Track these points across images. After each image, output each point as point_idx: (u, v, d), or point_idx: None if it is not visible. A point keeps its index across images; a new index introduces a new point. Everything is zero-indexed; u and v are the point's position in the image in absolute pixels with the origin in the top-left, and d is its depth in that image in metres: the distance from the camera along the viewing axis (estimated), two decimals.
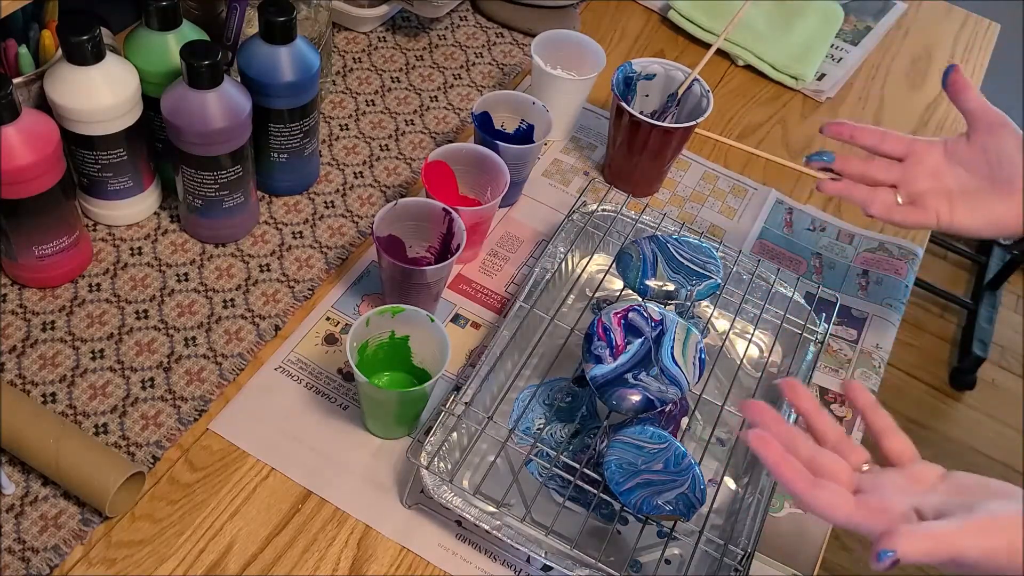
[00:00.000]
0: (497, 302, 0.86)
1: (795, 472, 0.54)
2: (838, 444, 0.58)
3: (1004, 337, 2.14)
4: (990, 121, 0.74)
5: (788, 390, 0.60)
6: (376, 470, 0.73)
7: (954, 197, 0.75)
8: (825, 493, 0.53)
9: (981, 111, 0.75)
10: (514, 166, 0.86)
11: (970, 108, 0.75)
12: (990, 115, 0.75)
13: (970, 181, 0.75)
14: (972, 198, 0.75)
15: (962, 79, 0.75)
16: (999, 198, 0.74)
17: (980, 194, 0.74)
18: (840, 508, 0.53)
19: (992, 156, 0.74)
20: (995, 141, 0.74)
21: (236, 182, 0.79)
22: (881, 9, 1.30)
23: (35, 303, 0.77)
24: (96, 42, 0.71)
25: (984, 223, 0.75)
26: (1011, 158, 0.73)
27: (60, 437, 0.65)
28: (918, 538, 0.49)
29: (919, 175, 0.76)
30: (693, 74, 0.93)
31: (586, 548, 0.66)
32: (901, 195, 0.76)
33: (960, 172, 0.75)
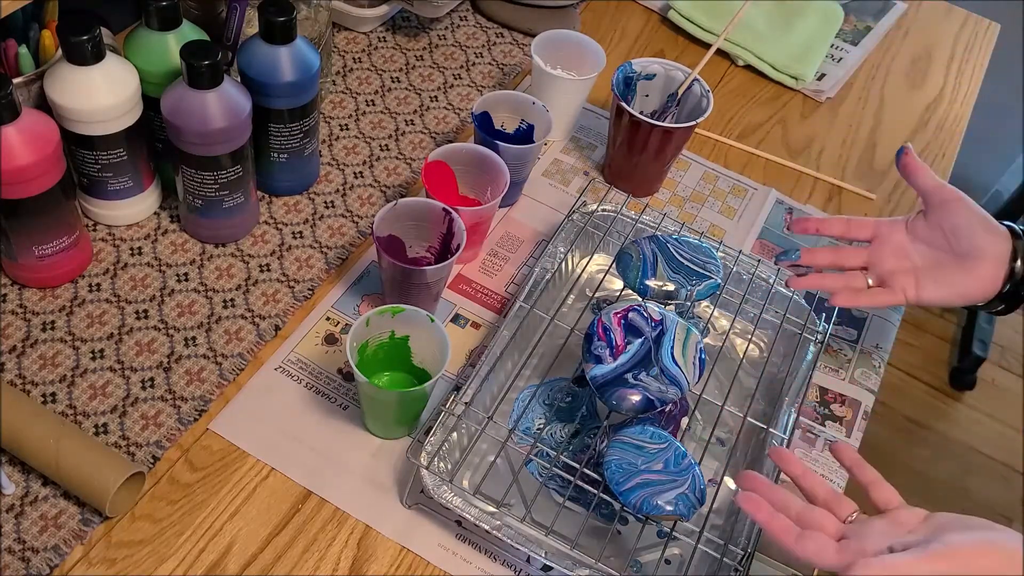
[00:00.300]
0: (497, 302, 0.86)
1: (783, 527, 0.59)
2: (828, 500, 0.62)
3: (1004, 337, 2.14)
4: (943, 198, 0.77)
5: (776, 458, 0.66)
6: (376, 470, 0.73)
7: (919, 273, 0.78)
8: (811, 543, 0.58)
9: (934, 189, 0.77)
10: (514, 166, 0.86)
11: (924, 188, 0.78)
12: (943, 192, 0.77)
13: (932, 256, 0.78)
14: (935, 273, 0.77)
15: (913, 161, 0.78)
16: (962, 270, 0.76)
17: (943, 268, 0.77)
18: (823, 553, 0.58)
19: (948, 231, 0.76)
20: (949, 216, 0.76)
21: (236, 182, 0.79)
22: (881, 9, 1.30)
23: (35, 303, 0.77)
24: (96, 42, 0.71)
25: (949, 294, 0.77)
26: (968, 230, 0.76)
27: (60, 437, 0.65)
28: (874, 568, 0.54)
29: (885, 255, 0.79)
30: (693, 74, 0.93)
31: (586, 548, 0.66)
32: (871, 277, 0.79)
33: (922, 249, 0.78)
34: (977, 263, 0.75)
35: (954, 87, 1.22)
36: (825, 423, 0.82)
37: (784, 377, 0.82)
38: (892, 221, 0.80)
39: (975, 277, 0.76)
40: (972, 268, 0.76)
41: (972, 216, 0.76)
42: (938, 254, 0.77)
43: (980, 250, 0.75)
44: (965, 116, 1.18)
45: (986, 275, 0.76)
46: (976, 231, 0.75)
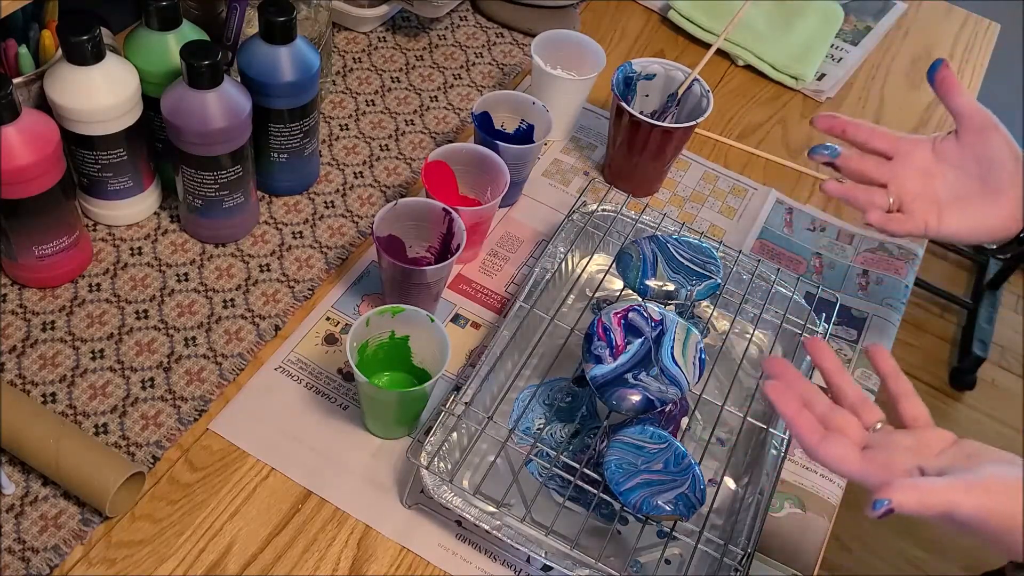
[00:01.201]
0: (497, 302, 0.86)
1: (807, 424, 0.56)
2: (856, 404, 0.59)
3: (1004, 337, 2.14)
4: (980, 123, 0.73)
5: (811, 348, 0.62)
6: (376, 470, 0.73)
7: (942, 203, 0.74)
8: (834, 446, 0.55)
9: (971, 112, 0.73)
10: (514, 166, 0.86)
11: (959, 108, 0.74)
12: (980, 117, 0.73)
13: (959, 184, 0.74)
14: (960, 204, 0.74)
15: (951, 77, 0.73)
16: (988, 203, 0.73)
17: (969, 199, 0.73)
18: (847, 460, 0.55)
19: (982, 159, 0.73)
20: (985, 144, 0.73)
21: (236, 182, 0.79)
22: (881, 9, 1.30)
23: (35, 303, 0.77)
24: (96, 42, 0.71)
25: (973, 228, 0.74)
26: (1001, 162, 0.72)
27: (60, 437, 0.65)
28: (912, 490, 0.51)
29: (908, 175, 0.75)
30: (693, 74, 0.93)
31: (586, 548, 0.66)
32: (892, 196, 0.75)
33: (948, 173, 0.74)
34: (1001, 197, 0.72)
35: None
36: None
37: None
38: (915, 139, 0.76)
39: (1000, 211, 0.72)
40: (998, 201, 0.72)
41: (1007, 148, 0.72)
42: (965, 183, 0.73)
43: (1007, 184, 0.71)
44: None
45: (1008, 211, 0.72)
46: (1008, 164, 0.71)
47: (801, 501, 0.77)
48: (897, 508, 0.50)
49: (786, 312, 0.84)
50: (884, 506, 0.50)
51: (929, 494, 0.51)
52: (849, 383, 0.61)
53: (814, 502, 0.76)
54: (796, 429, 0.57)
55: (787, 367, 0.61)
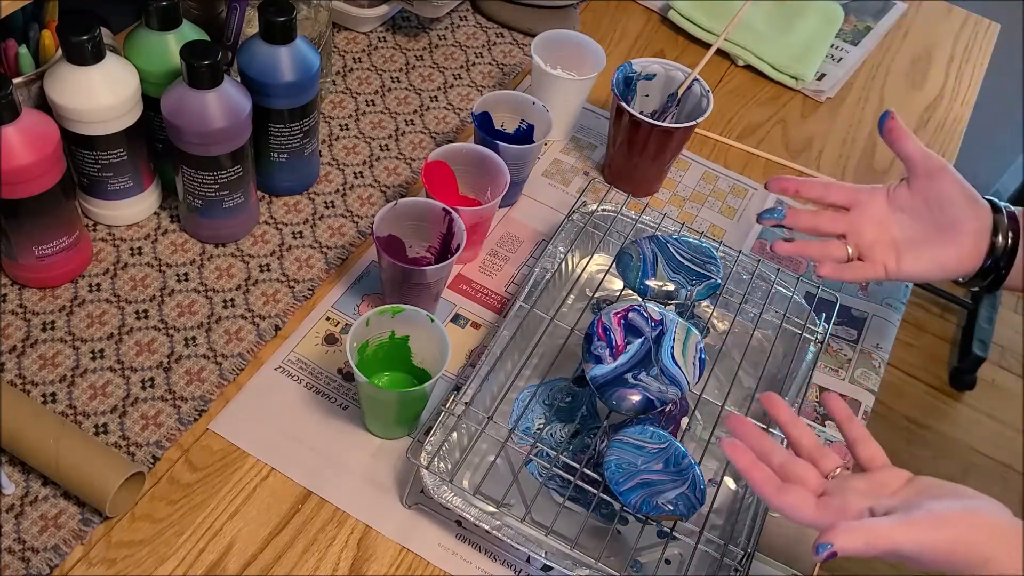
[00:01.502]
0: (497, 302, 0.86)
1: (762, 476, 0.59)
2: (812, 452, 0.62)
3: (1004, 337, 2.14)
4: (929, 167, 0.75)
5: (765, 402, 0.65)
6: (376, 470, 0.73)
7: (899, 246, 0.77)
8: (790, 496, 0.58)
9: (920, 157, 0.76)
10: (514, 166, 0.86)
11: (908, 154, 0.76)
12: (929, 161, 0.75)
13: (913, 227, 0.76)
14: (916, 246, 0.76)
15: (898, 126, 0.76)
16: (942, 243, 0.75)
17: (924, 241, 0.76)
18: (802, 508, 0.57)
19: (933, 202, 0.75)
20: (934, 187, 0.75)
21: (236, 182, 0.79)
22: (881, 9, 1.30)
23: (35, 303, 0.77)
24: (96, 42, 0.71)
25: (930, 268, 0.76)
26: (951, 202, 0.74)
27: (60, 437, 0.65)
28: (855, 532, 0.53)
29: (865, 224, 0.77)
30: (693, 74, 0.93)
31: (586, 548, 0.66)
32: (850, 246, 0.78)
33: (903, 219, 0.77)
34: (959, 236, 0.74)
35: (954, 87, 1.22)
36: (825, 423, 0.82)
37: (784, 377, 0.82)
38: (872, 189, 0.79)
39: (956, 251, 0.75)
40: (953, 241, 0.75)
41: (956, 188, 0.75)
42: (919, 225, 0.76)
43: (962, 223, 0.74)
44: (965, 116, 1.18)
45: (967, 249, 0.75)
46: (959, 204, 0.74)
47: None
48: (841, 551, 0.53)
49: (786, 312, 0.84)
50: (827, 550, 0.53)
51: (872, 534, 0.53)
52: (806, 433, 0.63)
53: None
54: (752, 481, 0.59)
55: (745, 424, 0.63)
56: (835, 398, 0.64)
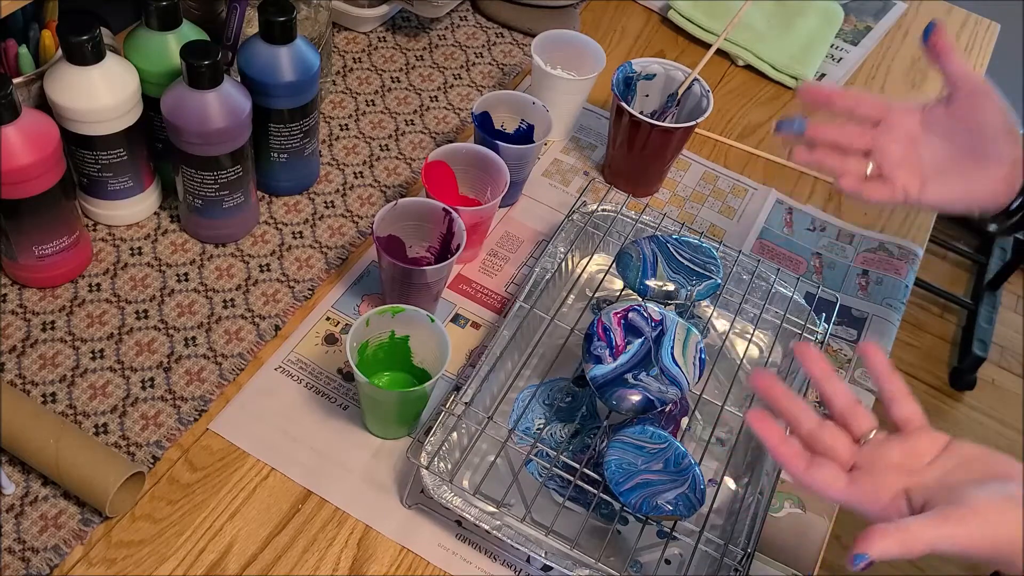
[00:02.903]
0: (497, 302, 0.86)
1: (791, 453, 0.55)
2: (846, 411, 0.57)
3: (1004, 337, 2.14)
4: (973, 88, 0.69)
5: (800, 353, 0.60)
6: (376, 470, 0.73)
7: (925, 171, 0.71)
8: (820, 473, 0.55)
9: (964, 77, 0.69)
10: (514, 166, 0.86)
11: (952, 73, 0.70)
12: (972, 81, 0.69)
13: (945, 152, 0.71)
14: (945, 172, 0.70)
15: (944, 41, 0.69)
16: (975, 171, 0.70)
17: (954, 167, 0.70)
18: (833, 487, 0.54)
19: (972, 127, 0.69)
20: (975, 109, 0.69)
21: (236, 182, 0.79)
22: (881, 9, 1.30)
23: (35, 303, 0.77)
24: (96, 42, 0.71)
25: (957, 197, 0.71)
26: (990, 128, 0.68)
27: (60, 437, 0.65)
28: (890, 538, 0.49)
29: (893, 142, 0.71)
30: (693, 74, 0.93)
31: (586, 548, 0.66)
32: (872, 163, 0.72)
33: (935, 142, 0.71)
34: (992, 166, 0.69)
35: None
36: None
37: (784, 377, 0.82)
38: (905, 106, 0.72)
39: (987, 181, 0.69)
40: (986, 170, 0.69)
41: (998, 114, 0.68)
42: (951, 150, 0.70)
43: (998, 153, 0.68)
44: None
45: (999, 181, 0.69)
46: (998, 131, 0.68)
47: (801, 501, 0.77)
48: (878, 558, 0.49)
49: (786, 312, 0.84)
50: (863, 561, 0.49)
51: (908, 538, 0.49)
52: (839, 390, 0.58)
53: (814, 502, 0.76)
54: (781, 459, 0.56)
55: (773, 382, 0.59)
56: (874, 350, 0.59)
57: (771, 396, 0.58)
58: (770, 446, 0.56)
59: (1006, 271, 2.12)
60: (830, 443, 0.56)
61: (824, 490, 0.55)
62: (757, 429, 0.56)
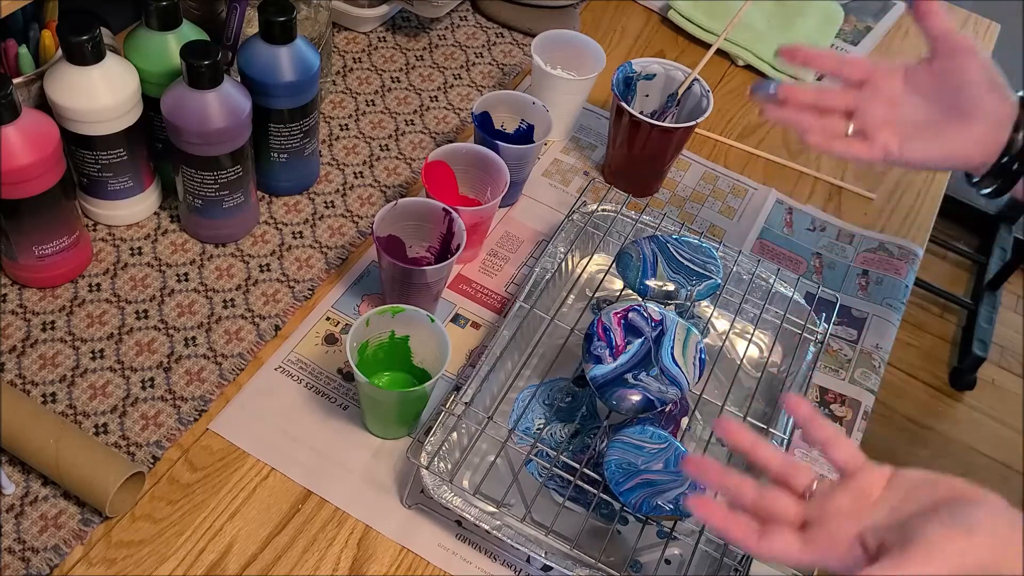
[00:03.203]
0: (497, 302, 0.86)
1: (741, 529, 0.54)
2: (783, 471, 0.57)
3: (1004, 337, 2.14)
4: (955, 46, 0.69)
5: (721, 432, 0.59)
6: (376, 470, 0.73)
7: (907, 130, 0.71)
8: (774, 542, 0.53)
9: (947, 35, 0.69)
10: (514, 166, 0.86)
11: (935, 32, 0.70)
12: (956, 40, 0.69)
13: (927, 110, 0.71)
14: (926, 130, 0.70)
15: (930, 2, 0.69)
16: (956, 130, 0.69)
17: (936, 124, 0.70)
18: (789, 552, 0.53)
19: (952, 84, 0.69)
20: (957, 67, 0.69)
21: (236, 182, 0.79)
22: (881, 9, 1.30)
23: (35, 303, 0.77)
24: (96, 42, 0.71)
25: (937, 155, 0.71)
26: (972, 85, 0.68)
27: (60, 437, 0.65)
28: None
29: (875, 102, 0.71)
30: (693, 74, 0.93)
31: (586, 548, 0.66)
32: (854, 124, 0.72)
33: (917, 101, 0.71)
34: (974, 124, 0.69)
35: None
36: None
37: (784, 377, 0.82)
38: (890, 67, 0.72)
39: (968, 138, 0.69)
40: (967, 127, 0.69)
41: (980, 72, 0.68)
42: (933, 108, 0.70)
43: (981, 110, 0.68)
44: None
45: (981, 138, 0.69)
46: (981, 88, 0.68)
47: None
48: None
49: (786, 312, 0.84)
50: None
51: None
52: (771, 455, 0.57)
53: None
54: (730, 537, 0.54)
55: (706, 465, 0.57)
56: (794, 398, 0.58)
57: (705, 478, 0.57)
58: (717, 527, 0.54)
59: (1006, 271, 2.12)
60: (776, 506, 0.55)
61: (782, 557, 0.53)
62: (699, 514, 0.55)
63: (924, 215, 1.04)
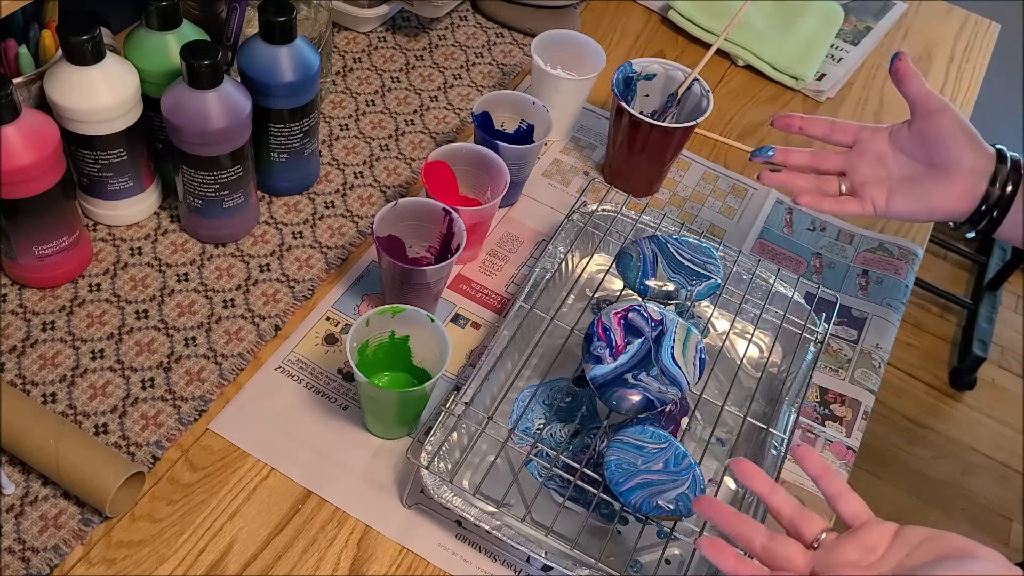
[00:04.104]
0: (497, 302, 0.86)
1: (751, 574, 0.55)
2: (794, 519, 0.58)
3: (1004, 337, 2.14)
4: (929, 107, 0.75)
5: (739, 474, 0.60)
6: (376, 470, 0.73)
7: (892, 185, 0.77)
8: None
9: (923, 97, 0.76)
10: (514, 166, 0.86)
11: (911, 94, 0.76)
12: (931, 101, 0.75)
13: (908, 167, 0.77)
14: (908, 185, 0.76)
15: (907, 67, 0.76)
16: (934, 182, 0.75)
17: (917, 180, 0.76)
18: None
19: (929, 140, 0.75)
20: (933, 126, 0.75)
21: (236, 182, 0.79)
22: (881, 9, 1.30)
23: (35, 303, 0.77)
24: (96, 42, 0.71)
25: (920, 208, 0.76)
26: (947, 141, 0.74)
27: (60, 437, 0.65)
28: None
29: (863, 162, 0.78)
30: (693, 74, 0.93)
31: (586, 548, 0.66)
32: (845, 184, 0.78)
33: (901, 159, 0.77)
34: (953, 177, 0.74)
35: (954, 87, 1.22)
36: (825, 423, 0.82)
37: (784, 377, 0.82)
38: (875, 128, 0.79)
39: (947, 191, 0.74)
40: (946, 181, 0.74)
41: (955, 127, 0.74)
42: (915, 165, 0.76)
43: (957, 163, 0.74)
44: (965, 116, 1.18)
45: (959, 190, 0.74)
46: (957, 143, 0.74)
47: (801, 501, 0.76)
48: None
49: (786, 312, 0.84)
50: None
51: None
52: (785, 502, 0.59)
53: (814, 502, 0.76)
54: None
55: (718, 507, 0.58)
56: (808, 452, 0.60)
57: (717, 519, 0.58)
58: (729, 571, 0.55)
59: (1006, 271, 2.13)
60: (785, 555, 0.56)
61: None
62: (711, 556, 0.56)
63: None
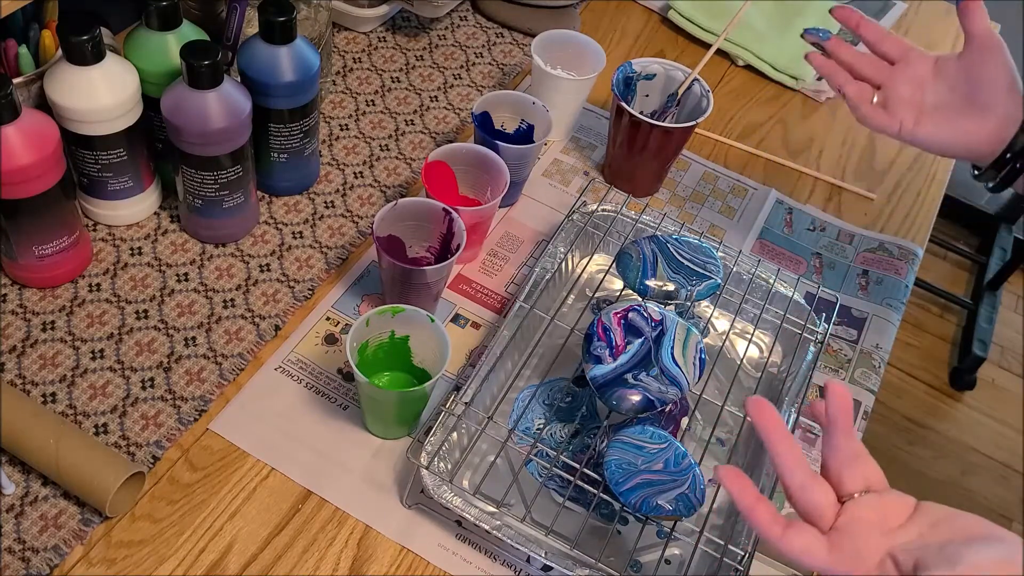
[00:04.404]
0: (497, 302, 0.86)
1: (768, 518, 0.52)
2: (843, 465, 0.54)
3: (1004, 337, 2.14)
4: (985, 44, 0.74)
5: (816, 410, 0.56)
6: (376, 470, 0.73)
7: (924, 110, 0.77)
8: (799, 540, 0.51)
9: (984, 34, 0.75)
10: (514, 166, 0.86)
11: (972, 30, 0.75)
12: (988, 39, 0.74)
13: (947, 97, 0.76)
14: (941, 114, 0.76)
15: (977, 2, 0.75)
16: (966, 118, 0.75)
17: (952, 111, 0.76)
18: (816, 554, 0.51)
19: (974, 76, 0.75)
20: (982, 63, 0.74)
21: (236, 182, 0.79)
22: (881, 9, 1.30)
23: (35, 303, 0.77)
24: (96, 42, 0.71)
25: (946, 139, 0.76)
26: (993, 81, 0.74)
27: (60, 437, 0.65)
28: None
29: (902, 80, 0.78)
30: (693, 74, 0.93)
31: (586, 548, 0.66)
32: (879, 96, 0.78)
33: (941, 88, 0.77)
34: (986, 116, 0.74)
35: None
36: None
37: (784, 377, 0.82)
38: (924, 53, 0.78)
39: (978, 128, 0.74)
40: (978, 119, 0.74)
41: (1003, 71, 0.74)
42: (953, 97, 0.76)
43: (994, 106, 0.74)
44: None
45: (988, 131, 0.74)
46: (1000, 87, 0.74)
47: None
48: None
49: (786, 312, 0.84)
50: None
51: None
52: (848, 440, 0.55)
53: None
54: (755, 522, 0.52)
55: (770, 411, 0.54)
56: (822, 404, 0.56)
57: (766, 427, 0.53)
58: (744, 507, 0.52)
59: (1006, 271, 2.13)
60: (819, 502, 0.52)
61: (804, 558, 0.51)
62: (729, 486, 0.52)
63: (924, 215, 1.04)
